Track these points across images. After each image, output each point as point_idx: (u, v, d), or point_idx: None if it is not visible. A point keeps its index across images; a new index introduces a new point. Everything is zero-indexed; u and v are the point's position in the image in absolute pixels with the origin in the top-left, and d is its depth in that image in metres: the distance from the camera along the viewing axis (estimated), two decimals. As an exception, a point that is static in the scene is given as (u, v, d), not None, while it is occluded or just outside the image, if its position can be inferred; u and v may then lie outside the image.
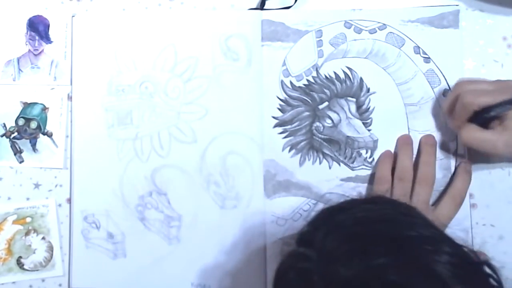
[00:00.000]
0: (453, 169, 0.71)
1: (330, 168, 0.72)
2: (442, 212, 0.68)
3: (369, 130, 0.73)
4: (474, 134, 0.66)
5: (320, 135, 0.73)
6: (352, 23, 0.74)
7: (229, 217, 0.72)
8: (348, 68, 0.73)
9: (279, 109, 0.73)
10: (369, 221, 0.50)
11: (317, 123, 0.73)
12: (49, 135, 0.74)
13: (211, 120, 0.73)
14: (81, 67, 0.74)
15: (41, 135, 0.74)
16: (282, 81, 0.73)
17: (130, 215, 0.72)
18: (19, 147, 0.74)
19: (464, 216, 0.70)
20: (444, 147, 0.72)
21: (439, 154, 0.71)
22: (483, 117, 0.66)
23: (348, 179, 0.72)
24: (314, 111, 0.73)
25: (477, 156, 0.71)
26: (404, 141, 0.71)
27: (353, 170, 0.72)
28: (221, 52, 0.74)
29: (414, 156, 0.71)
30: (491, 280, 0.50)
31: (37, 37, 0.75)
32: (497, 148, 0.65)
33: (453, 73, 0.72)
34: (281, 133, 0.73)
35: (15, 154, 0.74)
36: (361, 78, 0.73)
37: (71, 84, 0.74)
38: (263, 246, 0.71)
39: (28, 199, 0.73)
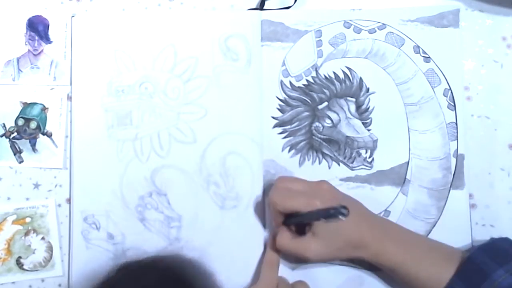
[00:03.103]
0: (453, 169, 0.71)
1: (329, 168, 0.72)
2: None
3: (368, 130, 0.73)
4: (285, 241, 0.66)
5: (319, 135, 0.73)
6: (352, 23, 0.74)
7: (229, 218, 0.72)
8: (348, 68, 0.73)
9: (278, 109, 0.73)
10: None
11: (317, 123, 0.73)
12: (49, 135, 0.74)
13: (211, 120, 0.73)
14: (81, 68, 0.74)
15: (40, 135, 0.74)
16: (281, 81, 0.73)
17: (130, 216, 0.72)
18: (19, 147, 0.74)
19: (464, 217, 0.71)
20: (445, 147, 0.72)
21: (440, 153, 0.71)
22: (290, 222, 0.66)
23: (348, 179, 0.72)
24: (314, 111, 0.73)
25: (477, 156, 0.72)
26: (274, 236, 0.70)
27: (352, 170, 0.72)
28: (220, 52, 0.74)
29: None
30: None
31: (36, 37, 0.75)
32: (307, 257, 0.65)
33: (453, 72, 0.72)
34: (280, 133, 0.73)
35: (14, 154, 0.74)
36: (360, 78, 0.73)
37: (70, 84, 0.74)
38: (263, 246, 0.71)
39: (27, 199, 0.73)
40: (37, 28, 0.75)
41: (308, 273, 0.71)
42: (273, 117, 0.73)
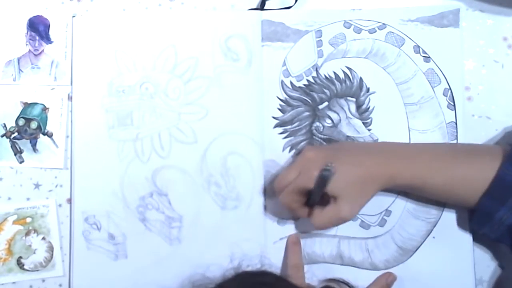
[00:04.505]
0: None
1: (330, 168, 0.72)
2: None
3: (369, 130, 0.73)
4: (319, 218, 0.66)
5: (320, 135, 0.73)
6: (352, 23, 0.74)
7: (230, 218, 0.72)
8: (348, 68, 0.73)
9: (279, 109, 0.73)
10: None
11: (317, 123, 0.73)
12: (50, 135, 0.74)
13: (212, 120, 0.73)
14: (82, 68, 0.74)
15: (41, 135, 0.74)
16: (282, 81, 0.73)
17: (131, 216, 0.72)
18: (19, 147, 0.74)
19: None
20: (444, 147, 0.72)
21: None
22: (311, 201, 0.66)
23: (348, 179, 0.72)
24: (314, 111, 0.73)
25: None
26: (292, 240, 0.71)
27: (353, 170, 0.72)
28: (221, 52, 0.74)
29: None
30: None
31: (37, 37, 0.75)
32: (343, 217, 0.65)
33: (453, 72, 0.72)
34: (281, 133, 0.73)
35: (15, 154, 0.74)
36: (360, 78, 0.73)
37: (71, 84, 0.74)
38: (264, 247, 0.71)
39: (28, 199, 0.73)
40: (38, 28, 0.75)
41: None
42: (273, 117, 0.73)
